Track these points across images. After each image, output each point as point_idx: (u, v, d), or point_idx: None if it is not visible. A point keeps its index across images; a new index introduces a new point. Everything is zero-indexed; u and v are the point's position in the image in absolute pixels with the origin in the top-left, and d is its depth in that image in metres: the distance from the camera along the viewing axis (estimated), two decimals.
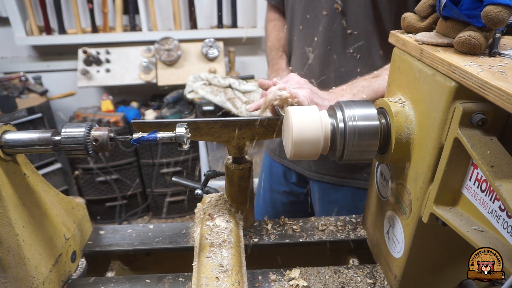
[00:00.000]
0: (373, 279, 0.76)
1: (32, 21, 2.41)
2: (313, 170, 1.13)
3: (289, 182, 1.25)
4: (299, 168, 1.18)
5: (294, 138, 0.61)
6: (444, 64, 0.51)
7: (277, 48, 1.17)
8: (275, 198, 1.30)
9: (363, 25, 0.94)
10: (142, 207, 2.77)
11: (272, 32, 1.21)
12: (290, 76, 0.85)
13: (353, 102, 0.64)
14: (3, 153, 0.59)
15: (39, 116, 2.34)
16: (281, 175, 1.25)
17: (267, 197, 1.32)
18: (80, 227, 0.84)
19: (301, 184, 1.23)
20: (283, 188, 1.27)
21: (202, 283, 0.65)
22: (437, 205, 0.55)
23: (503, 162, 0.45)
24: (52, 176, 2.50)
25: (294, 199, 1.27)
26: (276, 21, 1.22)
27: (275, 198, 1.30)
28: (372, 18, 0.92)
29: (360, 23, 0.94)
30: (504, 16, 0.46)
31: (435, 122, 0.54)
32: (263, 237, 0.87)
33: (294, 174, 1.22)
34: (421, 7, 0.60)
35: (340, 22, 0.95)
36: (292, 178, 1.23)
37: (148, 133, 0.61)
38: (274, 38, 1.19)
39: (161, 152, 2.53)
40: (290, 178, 1.24)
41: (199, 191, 0.90)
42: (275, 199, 1.30)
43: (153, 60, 2.50)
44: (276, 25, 1.21)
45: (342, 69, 0.99)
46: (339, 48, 0.98)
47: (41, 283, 0.67)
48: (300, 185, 1.24)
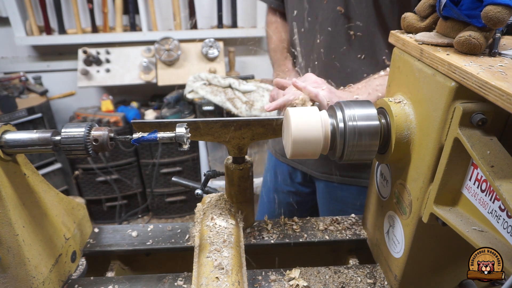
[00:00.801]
0: (373, 279, 0.76)
1: (32, 21, 2.41)
2: (319, 170, 1.13)
3: (294, 182, 1.25)
4: (304, 168, 1.18)
5: (293, 138, 0.61)
6: (444, 64, 0.51)
7: (281, 49, 1.17)
8: (280, 198, 1.30)
9: (366, 25, 0.93)
10: (142, 207, 2.77)
11: (274, 34, 1.20)
12: (307, 76, 0.85)
13: (353, 102, 0.64)
14: (3, 153, 0.59)
15: (39, 116, 2.35)
16: (287, 175, 1.26)
17: (271, 197, 1.32)
18: (80, 227, 0.84)
19: (306, 184, 1.24)
20: (289, 188, 1.27)
21: (202, 283, 0.64)
22: (437, 205, 0.55)
23: (503, 162, 0.45)
24: (52, 176, 2.50)
25: (300, 199, 1.28)
26: (277, 23, 1.21)
27: (280, 198, 1.30)
28: (375, 18, 0.92)
29: (363, 23, 0.93)
30: (504, 16, 0.46)
31: (435, 122, 0.54)
32: (263, 237, 0.87)
33: (299, 174, 1.22)
34: (421, 7, 0.60)
35: (342, 23, 0.95)
36: (298, 178, 1.24)
37: (148, 133, 0.61)
38: (277, 39, 1.19)
39: (161, 152, 2.53)
40: (295, 178, 1.24)
41: (199, 191, 0.90)
42: (280, 199, 1.30)
43: (153, 60, 2.50)
44: (278, 27, 1.20)
45: (347, 70, 0.99)
46: (343, 49, 0.98)
47: (41, 283, 0.67)
48: (306, 185, 1.24)
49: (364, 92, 0.87)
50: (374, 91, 0.86)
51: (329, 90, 0.81)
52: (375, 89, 0.87)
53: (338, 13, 0.95)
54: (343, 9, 0.93)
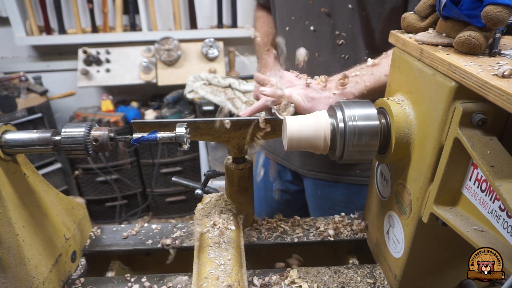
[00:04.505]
0: (373, 279, 0.76)
1: (32, 21, 2.41)
2: (306, 168, 1.13)
3: (283, 180, 1.25)
4: (292, 166, 1.18)
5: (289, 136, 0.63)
6: (444, 64, 0.51)
7: (265, 43, 1.18)
8: (269, 197, 1.30)
9: (350, 25, 0.93)
10: (142, 207, 2.77)
11: (261, 28, 1.21)
12: (284, 74, 0.84)
13: (353, 102, 0.64)
14: (3, 153, 0.59)
15: (39, 116, 2.34)
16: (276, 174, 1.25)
17: (262, 196, 1.32)
18: (80, 227, 0.84)
19: (295, 181, 1.24)
20: (278, 186, 1.27)
21: (202, 283, 0.64)
22: (437, 205, 0.55)
23: (503, 162, 0.45)
24: (52, 176, 2.50)
25: (289, 197, 1.27)
26: (264, 17, 1.22)
27: (269, 197, 1.30)
28: (358, 18, 0.92)
29: (346, 23, 0.93)
30: (504, 16, 0.46)
31: (435, 122, 0.54)
32: (263, 237, 0.87)
33: (288, 172, 1.22)
34: (421, 7, 0.60)
35: (327, 23, 0.95)
36: (287, 176, 1.23)
37: (148, 133, 0.61)
38: (262, 34, 1.20)
39: (161, 152, 2.53)
40: (284, 176, 1.24)
41: (199, 191, 0.89)
42: (270, 198, 1.30)
43: (153, 60, 2.50)
44: (264, 22, 1.21)
45: (330, 69, 0.99)
46: (327, 49, 0.98)
47: (41, 283, 0.67)
48: (295, 183, 1.24)
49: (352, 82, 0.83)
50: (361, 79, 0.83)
51: (304, 87, 0.79)
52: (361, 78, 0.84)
53: (323, 14, 0.95)
54: (327, 10, 0.93)
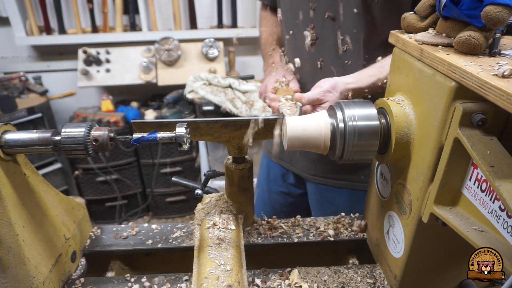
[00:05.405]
0: (373, 279, 0.76)
1: (32, 21, 2.41)
2: (309, 172, 1.13)
3: (287, 183, 1.25)
4: (296, 169, 1.18)
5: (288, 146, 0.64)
6: (444, 64, 0.51)
7: (271, 42, 1.18)
8: (273, 199, 1.30)
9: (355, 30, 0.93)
10: (142, 207, 2.77)
11: (266, 28, 1.21)
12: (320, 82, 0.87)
13: (353, 102, 0.64)
14: (3, 153, 0.59)
15: (39, 116, 2.34)
16: (279, 176, 1.26)
17: (266, 198, 1.32)
18: (80, 227, 0.84)
19: (299, 185, 1.24)
20: (281, 189, 1.27)
21: (202, 283, 0.64)
22: (437, 205, 0.55)
23: (503, 162, 0.45)
24: (52, 176, 2.50)
25: (292, 200, 1.27)
26: (268, 17, 1.22)
27: (273, 199, 1.30)
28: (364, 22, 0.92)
29: (351, 28, 0.93)
30: (504, 16, 0.46)
31: (435, 122, 0.54)
32: (263, 237, 0.87)
33: (292, 175, 1.22)
34: (421, 7, 0.60)
35: (331, 28, 0.95)
36: (290, 179, 1.23)
37: (148, 133, 0.61)
38: (267, 33, 1.20)
39: (161, 152, 2.53)
40: (288, 179, 1.24)
41: (199, 191, 0.89)
42: (274, 200, 1.30)
43: (153, 60, 2.50)
44: (269, 21, 1.21)
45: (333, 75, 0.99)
46: (331, 53, 0.98)
47: (41, 283, 0.67)
48: (298, 186, 1.24)
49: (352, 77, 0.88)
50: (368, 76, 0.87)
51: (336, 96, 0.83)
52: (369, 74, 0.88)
53: (327, 18, 0.95)
54: (332, 14, 0.93)
